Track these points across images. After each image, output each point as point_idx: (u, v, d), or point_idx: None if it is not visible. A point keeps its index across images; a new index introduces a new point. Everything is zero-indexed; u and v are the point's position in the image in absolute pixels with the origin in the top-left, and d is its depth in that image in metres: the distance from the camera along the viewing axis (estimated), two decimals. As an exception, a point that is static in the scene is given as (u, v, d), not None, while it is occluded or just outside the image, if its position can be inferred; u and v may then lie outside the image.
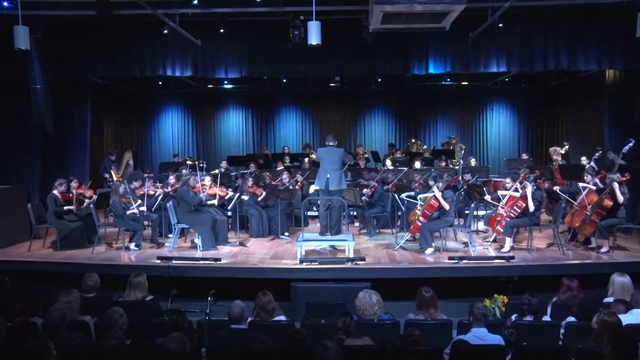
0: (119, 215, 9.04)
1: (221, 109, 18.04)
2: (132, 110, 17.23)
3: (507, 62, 10.66)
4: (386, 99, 17.56)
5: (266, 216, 10.29)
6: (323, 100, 17.69)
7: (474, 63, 10.76)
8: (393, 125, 17.83)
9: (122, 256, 8.79)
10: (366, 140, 17.70)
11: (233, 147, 17.79)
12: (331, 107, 17.87)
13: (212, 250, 8.94)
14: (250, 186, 10.37)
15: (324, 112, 17.94)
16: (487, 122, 17.56)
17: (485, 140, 17.57)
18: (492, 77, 15.94)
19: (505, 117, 17.50)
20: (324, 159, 8.79)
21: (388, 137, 17.69)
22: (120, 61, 11.03)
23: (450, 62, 10.85)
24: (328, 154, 8.79)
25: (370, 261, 8.13)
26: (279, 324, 5.47)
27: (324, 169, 8.73)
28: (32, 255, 8.93)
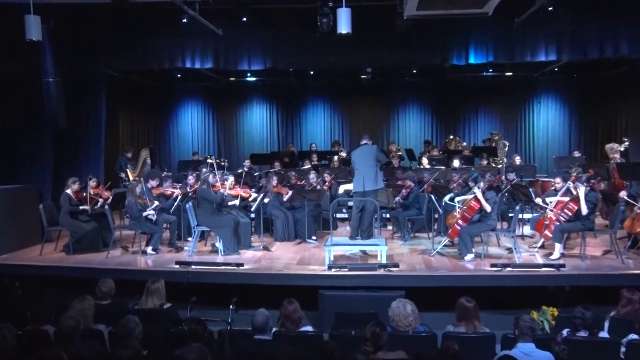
0: (135, 217, 9.14)
1: (244, 104, 18.16)
2: (149, 105, 17.46)
3: (557, 49, 10.45)
4: (422, 92, 17.44)
5: (292, 218, 10.30)
6: (353, 93, 17.66)
7: (519, 51, 10.59)
8: (429, 120, 17.71)
9: (138, 261, 8.88)
10: (400, 137, 17.61)
11: (256, 144, 17.89)
12: (362, 101, 17.82)
13: (234, 255, 8.97)
14: (275, 186, 10.39)
15: (354, 107, 17.90)
16: (534, 117, 17.29)
17: (532, 137, 17.30)
18: (540, 67, 15.64)
19: (554, 111, 17.20)
20: (358, 160, 8.84)
21: (424, 133, 17.58)
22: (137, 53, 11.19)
23: (493, 51, 10.71)
24: (362, 154, 8.84)
25: (404, 268, 8.07)
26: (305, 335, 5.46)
27: (359, 171, 8.76)
28: (43, 259, 9.07)
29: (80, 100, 11.73)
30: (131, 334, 4.87)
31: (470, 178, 9.28)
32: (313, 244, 9.93)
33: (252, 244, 9.70)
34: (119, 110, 15.41)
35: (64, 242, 9.60)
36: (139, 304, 6.25)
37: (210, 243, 9.84)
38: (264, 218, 10.15)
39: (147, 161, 13.31)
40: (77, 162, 11.69)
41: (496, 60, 10.87)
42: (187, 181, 10.63)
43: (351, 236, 8.94)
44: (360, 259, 8.79)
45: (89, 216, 9.50)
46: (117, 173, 13.19)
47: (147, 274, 7.50)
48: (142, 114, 17.12)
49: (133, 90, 15.90)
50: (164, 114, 18.11)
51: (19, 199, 9.93)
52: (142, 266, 8.59)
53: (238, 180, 10.31)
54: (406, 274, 7.85)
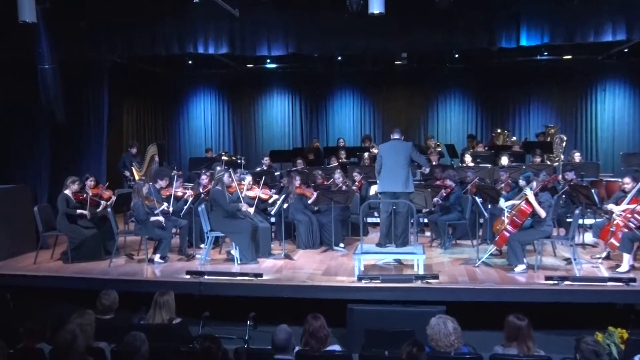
0: (141, 221, 9.23)
1: (263, 94, 18.25)
2: (157, 96, 17.64)
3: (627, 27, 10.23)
4: (465, 79, 17.31)
5: (317, 223, 10.31)
6: (386, 82, 17.61)
7: (580, 31, 10.43)
8: (473, 112, 17.58)
9: (144, 270, 8.96)
10: (439, 130, 17.51)
11: (277, 139, 17.98)
12: (396, 90, 17.75)
13: (252, 264, 9.01)
14: (298, 186, 10.42)
15: (388, 97, 17.84)
16: (597, 107, 17.01)
17: (594, 130, 17.03)
18: (605, 49, 15.29)
19: (622, 100, 16.87)
20: (387, 155, 8.78)
21: (467, 126, 17.46)
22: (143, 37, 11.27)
23: (549, 31, 10.56)
24: (392, 150, 8.80)
25: (445, 279, 8.04)
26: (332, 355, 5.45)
27: (387, 169, 8.71)
28: (38, 268, 9.19)
29: (80, 90, 11.87)
30: (137, 352, 4.91)
31: (521, 177, 9.18)
32: (341, 252, 9.94)
33: (272, 251, 9.75)
34: (123, 102, 15.58)
35: (61, 249, 9.72)
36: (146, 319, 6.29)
37: (225, 250, 9.91)
38: (285, 222, 10.16)
39: (154, 158, 13.45)
40: (77, 160, 11.83)
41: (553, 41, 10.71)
42: (200, 181, 10.70)
43: (380, 243, 8.91)
44: (395, 269, 8.77)
45: (89, 220, 9.61)
46: (121, 171, 13.35)
47: (155, 285, 7.56)
48: (149, 105, 17.30)
49: (139, 79, 16.07)
50: (174, 105, 18.27)
51: (11, 201, 10.06)
52: (148, 276, 8.66)
53: (256, 180, 10.37)
54: (447, 286, 7.81)
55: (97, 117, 12.15)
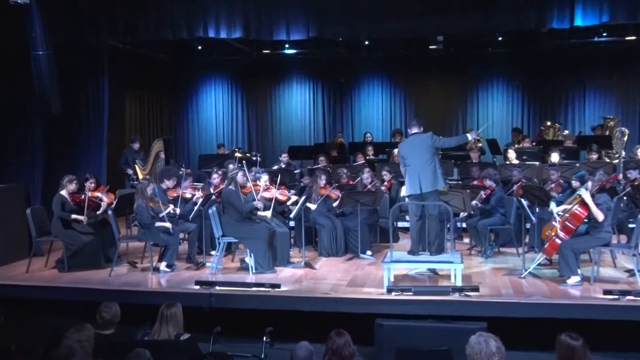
0: (145, 225, 9.28)
1: (281, 83, 18.31)
2: (163, 85, 17.75)
3: None
4: (509, 66, 17.20)
5: (341, 228, 10.31)
6: (420, 69, 17.54)
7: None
8: (519, 102, 17.49)
9: (149, 280, 9.02)
10: (480, 123, 17.33)
11: (297, 134, 18.03)
12: (431, 79, 17.70)
13: (269, 274, 9.04)
14: (323, 187, 10.42)
15: (421, 86, 17.80)
16: (665, 95, 16.80)
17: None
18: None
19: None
20: (409, 154, 8.76)
21: (512, 119, 17.38)
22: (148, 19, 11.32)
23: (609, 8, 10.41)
24: (412, 146, 8.81)
25: (486, 292, 8.00)
26: (359, 377, 5.44)
27: (413, 169, 8.68)
28: (31, 277, 9.27)
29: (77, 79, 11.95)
30: (140, 371, 4.93)
31: (574, 177, 9.08)
32: (368, 260, 9.94)
33: (291, 259, 9.76)
34: (125, 92, 15.68)
35: (56, 257, 9.79)
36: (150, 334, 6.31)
37: (239, 258, 9.94)
38: (306, 227, 10.17)
39: (160, 155, 13.52)
40: (74, 156, 11.92)
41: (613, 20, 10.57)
42: (211, 180, 10.75)
43: (412, 251, 8.88)
44: (429, 280, 8.76)
45: (88, 224, 9.66)
46: (123, 169, 13.46)
47: (161, 297, 7.60)
48: (154, 96, 17.40)
49: (143, 66, 16.18)
50: (182, 96, 18.38)
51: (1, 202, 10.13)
52: (153, 287, 8.72)
53: (274, 180, 10.37)
54: (489, 300, 7.77)
55: (96, 109, 12.24)
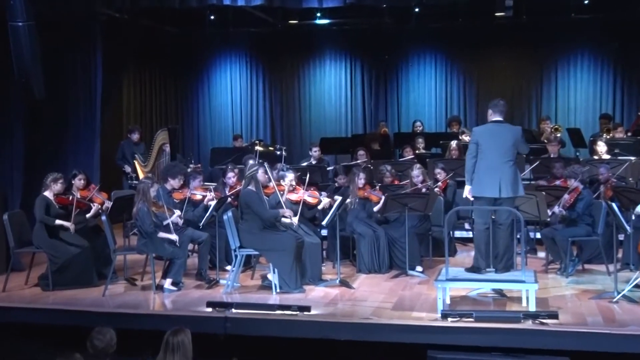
0: (147, 234, 9.28)
1: (311, 61, 18.30)
2: (169, 64, 17.84)
3: None
4: (598, 37, 16.93)
5: (385, 238, 10.25)
6: (483, 42, 17.33)
7: None
8: (609, 82, 17.21)
9: (151, 301, 9.04)
10: (559, 109, 17.26)
11: (330, 123, 18.01)
12: (497, 54, 17.52)
13: (296, 294, 9.01)
14: (361, 187, 10.38)
15: (485, 64, 17.63)
16: None
17: None
18: None
19: None
20: (486, 145, 8.56)
21: (600, 104, 17.12)
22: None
23: None
24: (493, 137, 8.54)
25: (567, 320, 7.90)
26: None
27: (487, 164, 8.50)
28: (8, 297, 9.30)
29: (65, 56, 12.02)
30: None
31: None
32: (418, 278, 9.88)
33: (323, 276, 9.73)
34: (122, 72, 15.71)
35: (39, 272, 9.81)
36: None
37: (260, 274, 9.93)
38: (341, 237, 10.13)
39: (164, 149, 13.53)
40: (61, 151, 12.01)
41: None
42: (226, 180, 10.76)
43: (475, 267, 8.76)
44: (494, 304, 8.68)
45: (77, 232, 9.68)
46: (120, 166, 13.52)
47: (165, 321, 7.62)
48: (157, 77, 17.50)
49: (144, 41, 16.18)
50: (191, 77, 18.44)
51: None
52: (156, 309, 8.75)
53: (302, 179, 10.35)
54: (571, 329, 7.65)
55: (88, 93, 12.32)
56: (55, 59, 11.53)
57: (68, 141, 12.15)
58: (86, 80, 12.28)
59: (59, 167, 10.47)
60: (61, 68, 11.92)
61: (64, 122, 12.13)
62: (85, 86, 12.28)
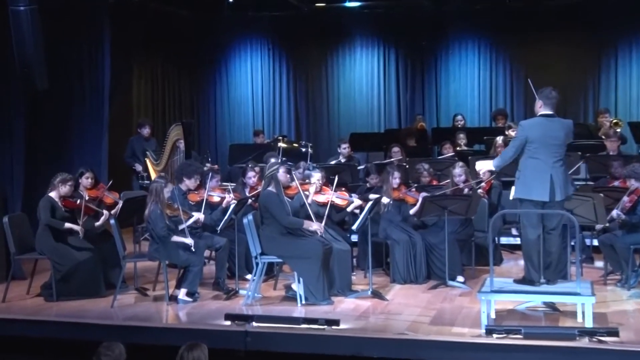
0: (159, 239, 9.32)
1: (340, 48, 18.28)
2: (183, 51, 17.86)
3: None
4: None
5: (422, 244, 10.24)
6: (533, 25, 17.23)
7: None
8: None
9: (164, 313, 9.08)
10: (619, 101, 17.08)
11: (361, 116, 18.01)
12: (549, 39, 17.31)
13: (324, 305, 9.01)
14: (396, 188, 10.37)
15: (535, 50, 17.45)
16: None
17: None
18: None
19: None
20: (535, 141, 8.47)
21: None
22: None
23: None
24: (543, 132, 8.46)
25: (629, 338, 7.80)
26: None
27: (541, 164, 8.42)
28: (8, 308, 9.35)
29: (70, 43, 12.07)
30: None
31: None
32: (459, 290, 9.86)
33: (353, 286, 9.73)
34: (132, 61, 15.83)
35: (42, 280, 9.89)
36: (165, 386, 6.38)
37: (284, 284, 9.96)
38: (373, 243, 10.12)
39: (178, 145, 13.54)
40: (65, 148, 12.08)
41: None
42: (246, 179, 10.78)
43: (527, 279, 8.70)
44: (545, 318, 8.64)
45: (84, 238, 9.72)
46: (129, 164, 13.61)
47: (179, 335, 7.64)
48: (170, 66, 17.56)
49: (155, 26, 16.30)
50: (207, 66, 18.52)
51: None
52: (170, 322, 8.78)
53: (329, 178, 10.34)
54: (633, 348, 7.55)
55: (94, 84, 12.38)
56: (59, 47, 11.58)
57: (73, 137, 12.20)
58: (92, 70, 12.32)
59: (63, 166, 10.54)
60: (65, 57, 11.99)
61: (69, 116, 12.18)
62: (92, 77, 12.31)
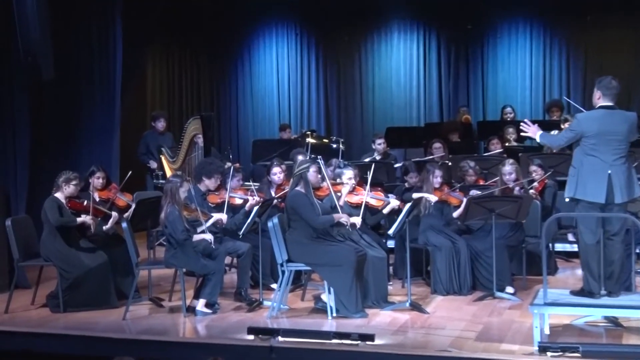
0: (176, 244, 9.36)
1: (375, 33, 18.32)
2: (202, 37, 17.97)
3: None
4: None
5: (467, 251, 10.21)
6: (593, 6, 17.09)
7: None
8: None
9: (181, 326, 9.10)
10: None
11: (398, 109, 18.05)
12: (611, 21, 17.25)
13: (357, 318, 9.01)
14: (438, 188, 10.36)
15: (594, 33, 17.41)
16: None
17: None
18: None
19: None
20: (595, 137, 8.41)
21: None
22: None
23: None
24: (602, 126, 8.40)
25: None
26: None
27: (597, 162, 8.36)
28: (11, 320, 9.40)
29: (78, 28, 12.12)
30: None
31: None
32: (509, 302, 9.82)
33: (389, 297, 9.73)
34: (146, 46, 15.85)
35: (48, 290, 9.95)
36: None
37: (312, 294, 9.99)
38: (412, 249, 10.10)
39: (196, 141, 13.57)
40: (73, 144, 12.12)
41: None
42: (271, 177, 10.78)
43: (586, 290, 8.64)
44: (607, 335, 8.56)
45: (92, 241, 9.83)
46: (143, 161, 13.69)
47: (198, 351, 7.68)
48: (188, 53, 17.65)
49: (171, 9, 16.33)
50: (229, 53, 18.59)
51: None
52: (187, 335, 8.81)
53: (363, 177, 10.33)
54: None
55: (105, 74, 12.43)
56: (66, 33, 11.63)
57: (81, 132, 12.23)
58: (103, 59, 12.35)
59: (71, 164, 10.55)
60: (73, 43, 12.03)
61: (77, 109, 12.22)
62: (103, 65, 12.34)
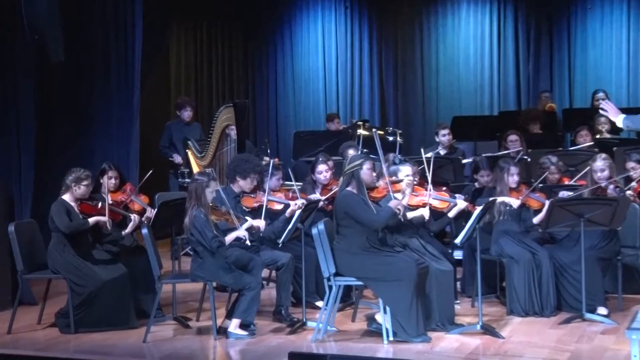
0: (205, 253, 9.35)
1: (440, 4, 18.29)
2: (233, 15, 17.99)
3: None
4: None
5: (550, 264, 10.12)
6: None
7: None
8: None
9: (210, 350, 9.12)
10: None
11: (467, 95, 18.10)
12: None
13: (418, 343, 8.96)
14: (513, 188, 10.28)
15: None
16: None
17: None
18: None
19: None
20: None
21: None
22: None
23: None
24: None
25: None
26: None
27: None
28: (14, 341, 9.48)
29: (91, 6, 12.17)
30: None
31: None
32: (601, 325, 9.72)
33: (457, 318, 9.69)
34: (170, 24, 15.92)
35: (57, 307, 10.03)
36: None
37: (365, 314, 9.96)
38: (484, 261, 10.04)
39: (229, 133, 13.54)
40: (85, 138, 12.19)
41: None
42: (316, 177, 10.74)
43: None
44: None
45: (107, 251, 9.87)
46: (165, 156, 13.78)
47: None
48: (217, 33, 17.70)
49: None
50: (266, 32, 18.66)
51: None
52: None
53: (424, 176, 10.26)
54: None
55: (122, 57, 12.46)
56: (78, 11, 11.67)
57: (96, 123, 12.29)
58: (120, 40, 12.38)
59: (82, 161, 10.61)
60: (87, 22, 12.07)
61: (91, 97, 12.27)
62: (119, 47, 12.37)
